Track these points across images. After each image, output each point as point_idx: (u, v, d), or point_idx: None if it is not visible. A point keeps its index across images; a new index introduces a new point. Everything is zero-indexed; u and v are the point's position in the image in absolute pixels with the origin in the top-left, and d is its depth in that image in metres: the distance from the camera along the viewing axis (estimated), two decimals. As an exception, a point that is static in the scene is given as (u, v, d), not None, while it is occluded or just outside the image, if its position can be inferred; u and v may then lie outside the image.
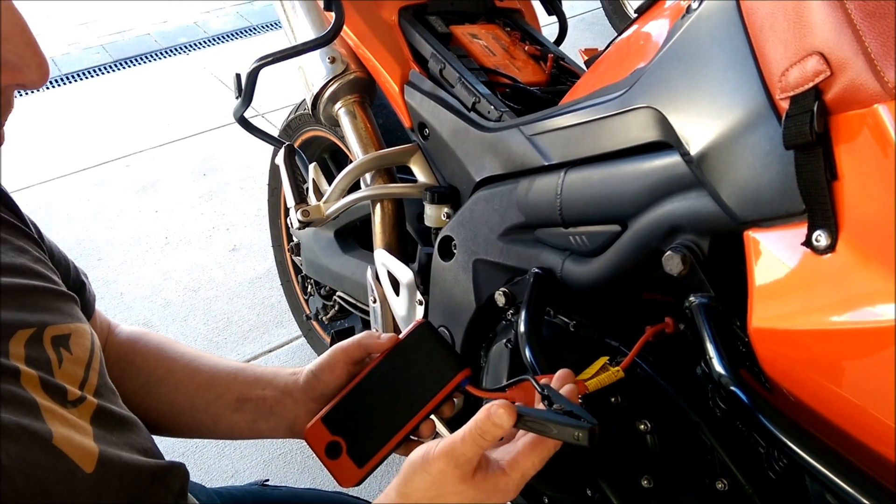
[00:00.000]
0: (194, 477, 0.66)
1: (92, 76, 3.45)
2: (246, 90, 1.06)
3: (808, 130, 0.46)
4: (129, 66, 3.53)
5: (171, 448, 1.54)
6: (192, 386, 0.72)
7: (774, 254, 0.52)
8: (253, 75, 1.04)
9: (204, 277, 2.14)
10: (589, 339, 0.77)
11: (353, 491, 0.79)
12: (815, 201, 0.47)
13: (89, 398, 0.54)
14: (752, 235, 0.54)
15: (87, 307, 0.70)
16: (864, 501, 0.47)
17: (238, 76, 1.09)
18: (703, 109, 0.57)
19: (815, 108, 0.46)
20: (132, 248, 2.28)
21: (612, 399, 0.70)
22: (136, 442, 0.58)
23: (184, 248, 2.26)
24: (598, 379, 0.63)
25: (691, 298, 0.62)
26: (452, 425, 0.70)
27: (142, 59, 3.59)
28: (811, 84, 0.47)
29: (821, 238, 0.47)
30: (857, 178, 0.45)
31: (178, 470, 0.60)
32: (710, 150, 0.56)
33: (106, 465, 0.51)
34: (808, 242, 0.48)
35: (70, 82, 3.39)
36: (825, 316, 0.47)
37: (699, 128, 0.57)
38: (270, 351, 1.87)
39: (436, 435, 0.89)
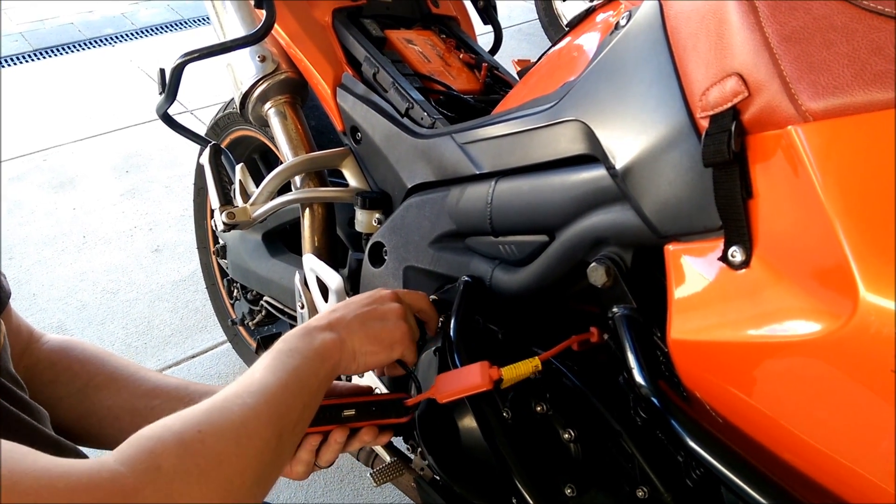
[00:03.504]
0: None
1: (9, 65, 3.27)
2: (170, 86, 1.02)
3: (725, 149, 0.47)
4: (50, 56, 3.37)
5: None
6: (138, 392, 0.71)
7: (693, 268, 0.53)
8: (177, 71, 1.01)
9: (124, 279, 2.05)
10: (517, 348, 0.77)
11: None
12: (731, 218, 0.49)
13: None
14: (672, 249, 0.55)
15: None
16: (773, 509, 0.48)
17: (162, 71, 1.05)
18: (628, 125, 0.58)
19: (733, 128, 0.47)
20: (46, 247, 2.17)
21: (539, 409, 0.70)
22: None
23: (102, 248, 2.16)
24: (513, 366, 0.64)
25: (615, 309, 0.63)
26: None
27: (64, 49, 3.43)
28: (730, 104, 0.48)
29: (736, 254, 0.48)
30: (771, 197, 0.47)
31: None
32: (634, 165, 0.57)
33: None
34: (724, 258, 0.49)
35: (-17, 70, 3.21)
36: (739, 329, 0.48)
37: (624, 143, 0.58)
38: (194, 357, 1.80)
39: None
